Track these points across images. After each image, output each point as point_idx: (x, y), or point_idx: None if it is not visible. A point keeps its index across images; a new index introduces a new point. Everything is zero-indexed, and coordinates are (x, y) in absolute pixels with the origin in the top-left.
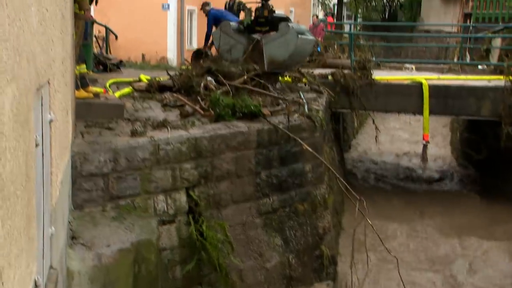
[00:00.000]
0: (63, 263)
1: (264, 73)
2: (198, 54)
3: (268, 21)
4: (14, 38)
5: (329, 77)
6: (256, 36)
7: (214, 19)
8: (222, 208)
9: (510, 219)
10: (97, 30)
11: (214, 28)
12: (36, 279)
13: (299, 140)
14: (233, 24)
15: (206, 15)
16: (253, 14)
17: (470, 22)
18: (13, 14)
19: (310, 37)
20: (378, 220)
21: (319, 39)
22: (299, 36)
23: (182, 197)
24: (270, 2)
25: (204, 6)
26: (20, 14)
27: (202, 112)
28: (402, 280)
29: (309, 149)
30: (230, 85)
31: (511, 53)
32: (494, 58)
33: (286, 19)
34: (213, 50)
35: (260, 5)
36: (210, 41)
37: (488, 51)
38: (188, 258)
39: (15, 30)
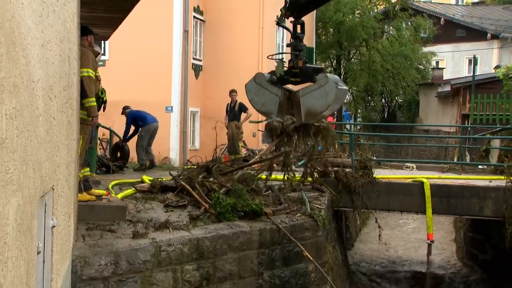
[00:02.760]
0: None
1: (300, 125)
2: (115, 148)
3: (302, 71)
4: (21, 149)
5: (332, 175)
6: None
7: (132, 118)
8: None
9: None
10: (101, 133)
11: (132, 127)
12: None
13: (298, 243)
14: (267, 75)
15: (126, 116)
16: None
17: (468, 123)
18: (21, 126)
19: (345, 86)
20: None
21: None
22: (337, 86)
23: None
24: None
25: (124, 109)
26: (28, 126)
27: (206, 206)
28: None
29: (308, 255)
30: (222, 185)
31: (510, 154)
32: (493, 158)
33: (321, 70)
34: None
35: (294, 56)
36: (128, 137)
37: (487, 151)
38: None
39: (22, 141)
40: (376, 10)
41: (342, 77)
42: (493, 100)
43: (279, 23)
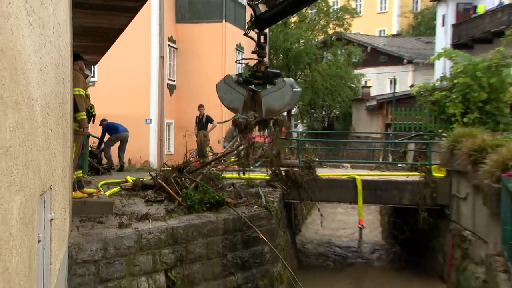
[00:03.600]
0: None
1: (261, 120)
2: (91, 154)
3: (264, 75)
4: (23, 155)
5: (283, 174)
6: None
7: (107, 129)
8: (195, 286)
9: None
10: (92, 141)
11: (107, 136)
12: None
13: (256, 229)
14: (234, 77)
15: (102, 127)
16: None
17: (390, 130)
18: (23, 136)
19: (299, 88)
20: None
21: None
22: (293, 89)
23: (161, 278)
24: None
25: (102, 121)
26: (28, 136)
27: (179, 200)
28: None
29: (264, 238)
30: (193, 180)
31: (422, 155)
32: (410, 158)
33: (280, 75)
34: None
35: (257, 61)
36: (102, 146)
37: (405, 153)
38: None
39: (24, 149)
40: (316, 40)
41: None
42: (409, 112)
43: (246, 34)
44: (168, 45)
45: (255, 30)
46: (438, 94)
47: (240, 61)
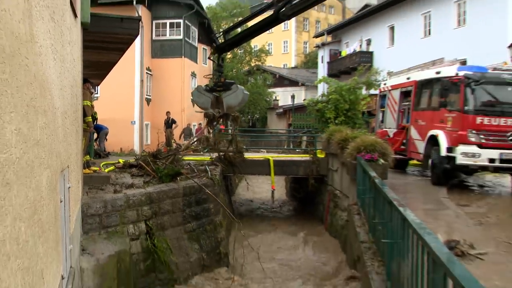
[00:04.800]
0: (77, 264)
1: (223, 114)
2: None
3: (223, 84)
4: (49, 145)
5: (223, 157)
6: (216, 94)
7: (95, 129)
8: (165, 230)
9: (312, 228)
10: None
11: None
12: (63, 274)
13: (207, 190)
14: (204, 87)
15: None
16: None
17: (291, 128)
18: (49, 133)
19: (247, 92)
20: (250, 231)
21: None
22: (243, 92)
23: (142, 225)
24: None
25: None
26: (53, 132)
27: (153, 174)
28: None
29: (213, 196)
30: (164, 163)
31: (311, 144)
32: (303, 146)
33: (234, 83)
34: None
35: (218, 75)
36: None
37: (300, 142)
38: (147, 258)
39: (49, 141)
40: (243, 69)
41: None
42: (303, 116)
43: (210, 58)
44: (146, 72)
45: (216, 54)
46: (320, 105)
47: (207, 76)
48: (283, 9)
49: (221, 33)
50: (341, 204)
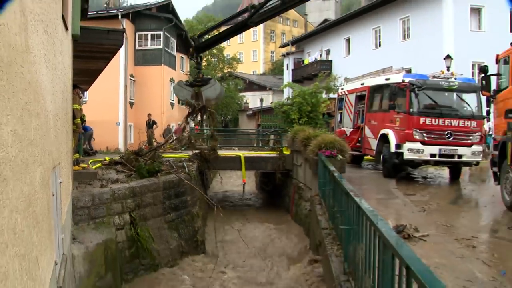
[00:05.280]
0: (69, 251)
1: (202, 106)
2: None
3: (202, 80)
4: (42, 144)
5: (199, 153)
6: (196, 88)
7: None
8: (147, 220)
9: (279, 217)
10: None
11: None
12: (56, 260)
13: (188, 182)
14: (184, 81)
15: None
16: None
17: (260, 128)
18: (41, 133)
19: (222, 87)
20: (223, 221)
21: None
22: (220, 86)
23: (127, 216)
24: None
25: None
26: (45, 133)
27: (133, 171)
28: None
29: (195, 187)
30: (144, 159)
31: (278, 142)
32: (271, 144)
33: (212, 78)
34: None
35: (197, 72)
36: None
37: (268, 141)
38: (131, 246)
39: (42, 141)
40: (217, 75)
41: None
42: (270, 117)
43: (189, 57)
44: (130, 79)
45: (195, 54)
46: (285, 107)
47: (187, 82)
48: (252, 17)
49: (198, 35)
50: (304, 196)
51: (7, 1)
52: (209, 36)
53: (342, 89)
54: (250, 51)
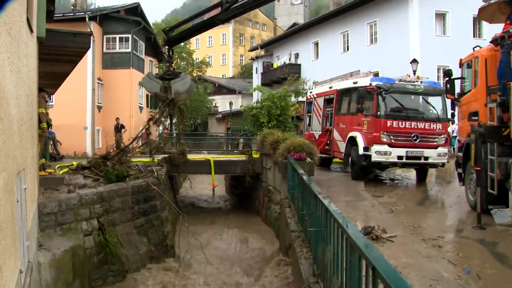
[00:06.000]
0: (35, 259)
1: (171, 100)
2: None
3: (172, 73)
4: (5, 149)
5: (168, 158)
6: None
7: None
8: (116, 226)
9: (249, 220)
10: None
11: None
12: (21, 268)
13: (155, 188)
14: (154, 73)
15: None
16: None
17: (229, 131)
18: (5, 138)
19: (193, 82)
20: (193, 225)
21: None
22: (191, 80)
23: (95, 222)
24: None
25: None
26: (8, 138)
27: (101, 176)
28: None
29: (162, 193)
30: (113, 163)
31: (247, 145)
32: (240, 147)
33: (182, 72)
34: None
35: (168, 65)
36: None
37: (237, 144)
38: (99, 252)
39: (5, 146)
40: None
41: None
42: (240, 121)
43: (161, 51)
44: (98, 82)
45: (166, 47)
46: (255, 110)
47: (157, 75)
48: (225, 12)
49: (169, 29)
50: (274, 198)
51: (7, 1)
52: (178, 32)
53: (310, 92)
54: (219, 54)
